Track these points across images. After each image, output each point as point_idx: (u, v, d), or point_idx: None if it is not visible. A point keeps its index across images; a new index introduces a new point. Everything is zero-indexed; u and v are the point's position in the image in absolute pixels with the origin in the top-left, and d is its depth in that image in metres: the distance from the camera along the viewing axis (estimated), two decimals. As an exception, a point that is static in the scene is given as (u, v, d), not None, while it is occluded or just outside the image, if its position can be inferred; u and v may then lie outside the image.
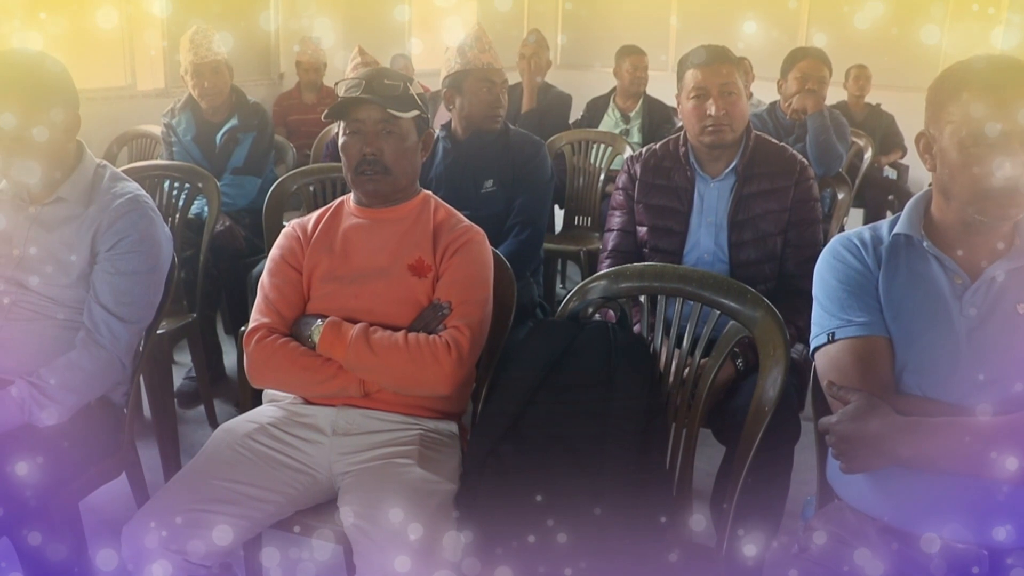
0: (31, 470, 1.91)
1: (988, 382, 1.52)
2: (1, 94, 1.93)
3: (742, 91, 2.44)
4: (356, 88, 1.98)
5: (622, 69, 5.13)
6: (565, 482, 1.77)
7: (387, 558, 1.65)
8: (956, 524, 1.49)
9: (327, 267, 2.03)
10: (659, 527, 1.77)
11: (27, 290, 2.07)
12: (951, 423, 1.46)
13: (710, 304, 1.98)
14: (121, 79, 5.44)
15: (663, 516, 1.78)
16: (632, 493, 1.76)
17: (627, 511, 1.73)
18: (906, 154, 5.99)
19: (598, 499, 1.73)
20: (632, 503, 1.75)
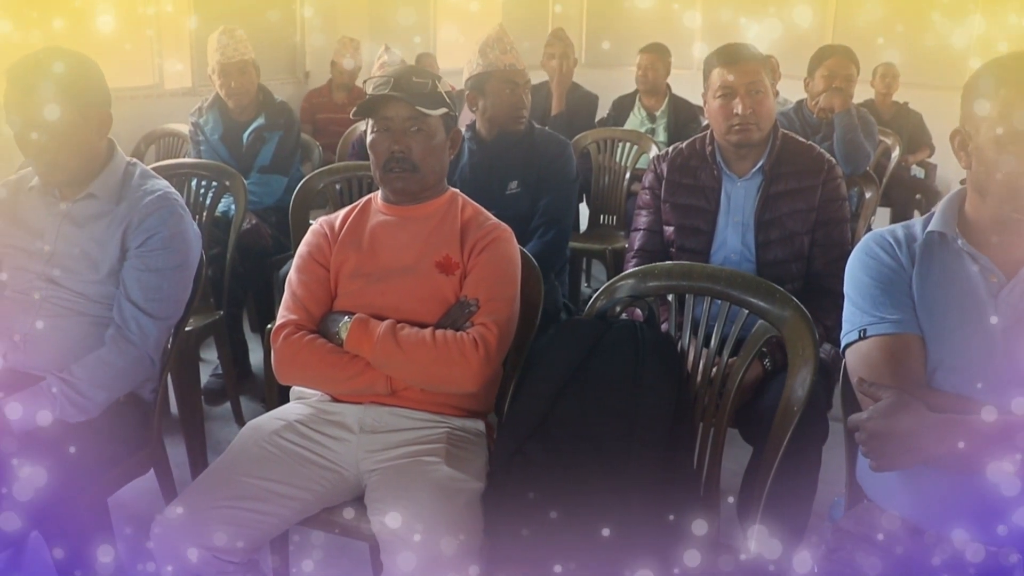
0: (62, 465, 1.93)
1: (1022, 380, 1.50)
2: (35, 92, 1.95)
3: (769, 89, 2.43)
4: (385, 86, 1.99)
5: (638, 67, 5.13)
6: (592, 481, 1.76)
7: (414, 556, 1.65)
8: (988, 525, 1.48)
9: (355, 264, 2.03)
10: (686, 526, 1.76)
11: (58, 286, 2.09)
12: (984, 421, 1.44)
13: (738, 303, 1.97)
14: (149, 78, 5.49)
15: (690, 515, 1.77)
16: (659, 492, 1.76)
17: (654, 510, 1.73)
18: (934, 153, 5.94)
19: (625, 498, 1.73)
20: (659, 502, 1.74)
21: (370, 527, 1.80)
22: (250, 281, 3.68)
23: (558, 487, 1.76)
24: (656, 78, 5.06)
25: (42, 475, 1.88)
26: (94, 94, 2.07)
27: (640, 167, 4.39)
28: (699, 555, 1.75)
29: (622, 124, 5.04)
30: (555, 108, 4.90)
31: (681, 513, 1.75)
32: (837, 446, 2.15)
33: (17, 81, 1.97)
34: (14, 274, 2.12)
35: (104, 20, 4.81)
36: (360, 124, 4.50)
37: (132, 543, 2.50)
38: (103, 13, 4.91)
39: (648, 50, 5.11)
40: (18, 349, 2.06)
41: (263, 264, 3.71)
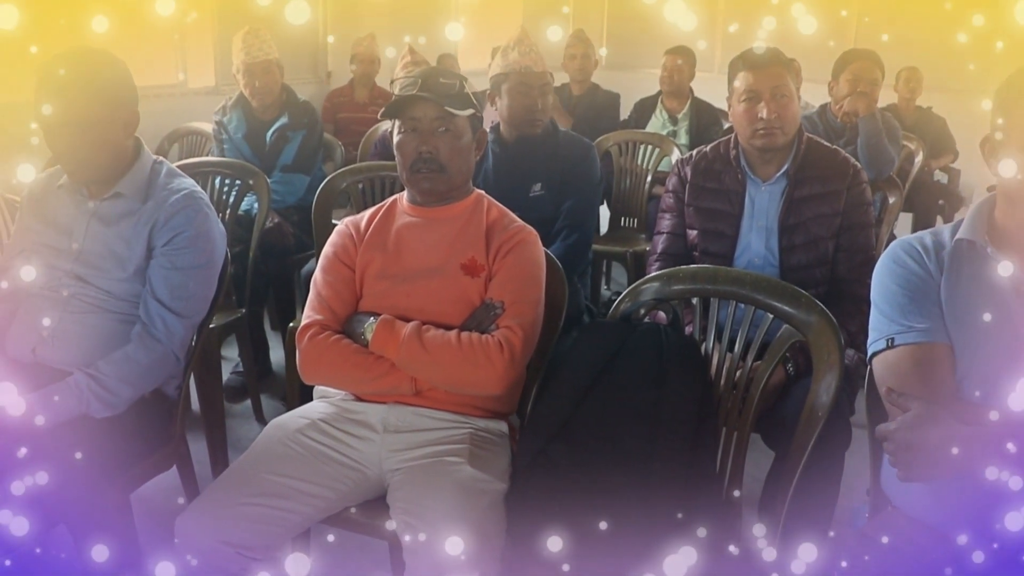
0: (87, 459, 1.95)
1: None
2: (65, 91, 1.97)
3: (794, 94, 2.42)
4: (412, 86, 1.99)
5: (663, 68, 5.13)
6: (614, 483, 1.76)
7: (436, 556, 1.65)
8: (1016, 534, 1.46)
9: (380, 265, 2.04)
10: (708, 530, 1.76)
11: (85, 283, 2.11)
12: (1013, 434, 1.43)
13: (763, 308, 1.97)
14: (173, 77, 5.53)
15: (712, 520, 1.77)
16: (682, 496, 1.75)
17: (676, 514, 1.72)
18: (957, 158, 5.89)
19: (647, 501, 1.73)
20: (682, 506, 1.74)
21: (391, 526, 1.81)
22: (272, 279, 3.69)
23: (581, 489, 1.76)
24: (681, 80, 5.06)
25: (68, 469, 1.90)
26: (122, 93, 2.08)
27: (662, 170, 4.40)
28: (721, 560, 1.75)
29: (643, 126, 5.04)
30: (563, 123, 4.88)
31: (703, 517, 1.75)
32: (858, 452, 2.15)
33: (47, 80, 1.99)
34: (43, 271, 2.14)
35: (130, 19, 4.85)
36: (382, 124, 4.51)
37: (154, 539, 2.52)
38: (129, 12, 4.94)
39: (674, 52, 5.11)
40: (46, 344, 2.08)
41: (285, 263, 3.72)
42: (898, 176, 3.92)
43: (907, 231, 5.09)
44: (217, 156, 3.94)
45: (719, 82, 2.58)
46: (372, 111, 5.70)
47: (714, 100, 5.18)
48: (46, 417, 1.91)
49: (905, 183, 4.17)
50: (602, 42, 9.11)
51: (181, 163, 3.28)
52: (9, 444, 1.84)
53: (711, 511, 1.79)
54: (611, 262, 4.96)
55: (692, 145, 4.79)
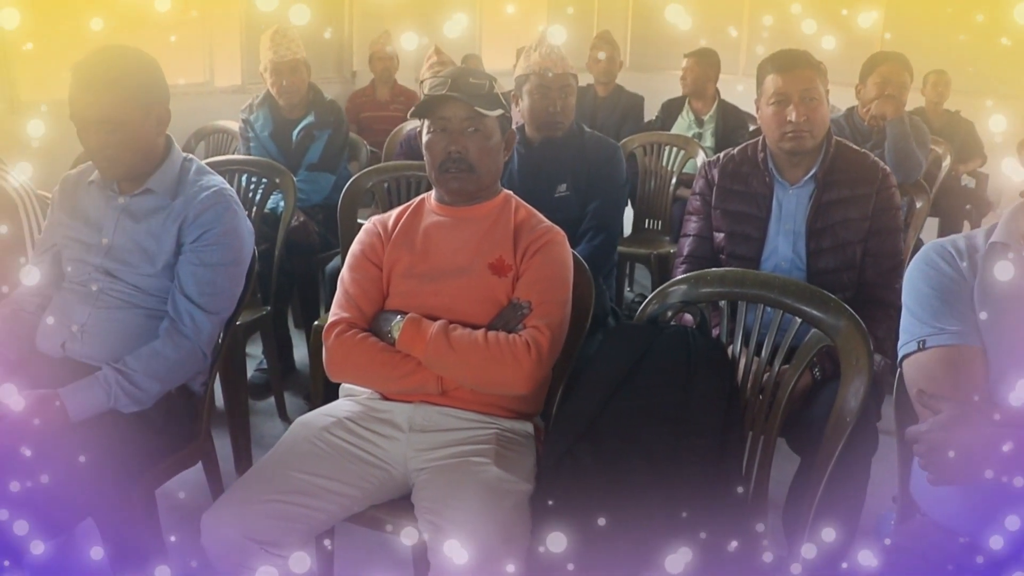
0: (115, 454, 1.97)
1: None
2: (98, 88, 1.99)
3: (823, 96, 2.41)
4: (442, 86, 1.99)
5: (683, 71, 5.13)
6: (640, 486, 1.75)
7: (462, 556, 1.65)
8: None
9: (407, 264, 2.04)
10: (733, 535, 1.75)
11: (114, 279, 2.12)
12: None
13: (791, 311, 1.96)
14: (200, 75, 5.57)
15: (738, 524, 1.76)
16: (707, 499, 1.75)
17: (702, 517, 1.72)
18: (986, 162, 5.84)
19: (673, 503, 1.72)
20: (707, 509, 1.73)
21: (416, 525, 1.81)
22: (296, 277, 3.71)
23: (606, 491, 1.75)
24: (696, 81, 5.04)
25: (96, 463, 1.92)
26: (154, 91, 2.10)
27: (687, 172, 4.38)
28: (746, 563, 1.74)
29: (670, 127, 5.03)
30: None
31: (729, 521, 1.74)
32: (884, 458, 2.13)
33: (81, 78, 2.00)
34: (73, 266, 2.16)
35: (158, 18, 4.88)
36: (407, 123, 4.52)
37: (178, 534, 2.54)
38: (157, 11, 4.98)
39: (694, 55, 5.10)
40: (75, 339, 2.10)
41: (310, 261, 3.74)
42: (925, 180, 3.89)
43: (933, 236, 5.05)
44: (243, 154, 3.96)
45: (744, 84, 2.56)
46: (394, 109, 5.73)
47: (740, 103, 5.17)
48: (74, 411, 1.93)
49: (932, 187, 4.13)
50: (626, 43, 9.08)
51: (208, 161, 3.30)
52: (38, 438, 1.86)
53: (737, 515, 1.78)
54: (634, 264, 4.95)
55: (718, 147, 4.77)
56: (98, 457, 1.93)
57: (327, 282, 3.65)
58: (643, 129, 5.00)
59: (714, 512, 1.74)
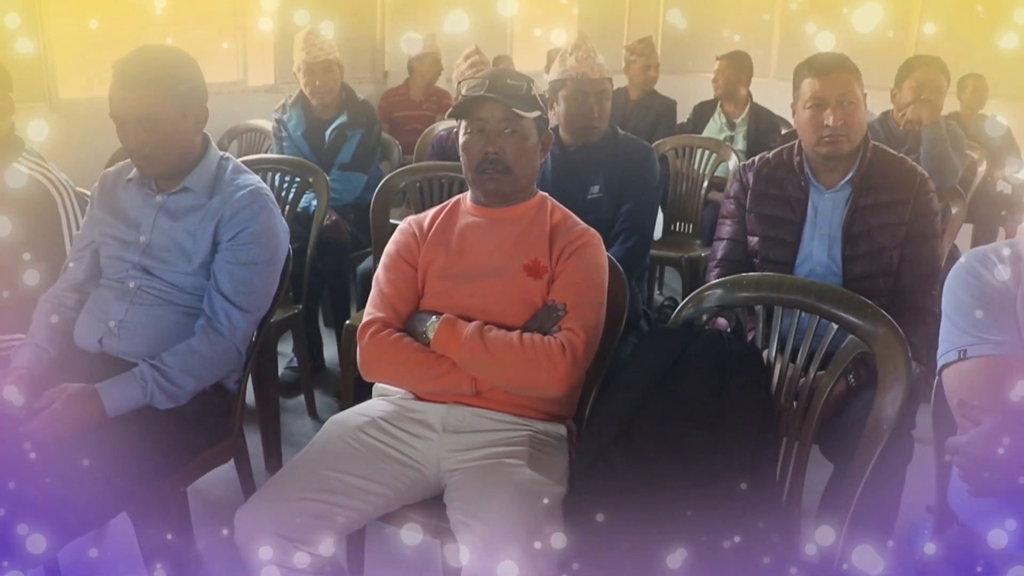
0: (150, 450, 1.98)
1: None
2: (138, 86, 2.01)
3: (861, 101, 2.38)
4: (480, 87, 1.99)
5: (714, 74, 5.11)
6: (674, 490, 1.75)
7: (494, 557, 1.65)
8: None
9: (442, 264, 2.04)
10: (766, 542, 1.74)
11: (151, 276, 2.14)
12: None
13: (828, 317, 1.94)
14: (233, 75, 5.61)
15: (771, 531, 1.75)
16: (741, 505, 1.73)
17: (735, 523, 1.71)
18: (1022, 168, 5.76)
19: (706, 508, 1.71)
20: (741, 515, 1.72)
21: (446, 525, 1.82)
22: (328, 276, 3.73)
23: (639, 495, 1.74)
24: (728, 84, 5.02)
25: (131, 458, 1.94)
26: (192, 90, 2.11)
27: (718, 175, 4.36)
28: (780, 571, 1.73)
29: (701, 130, 5.02)
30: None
31: (762, 527, 1.73)
32: (917, 467, 2.11)
33: (121, 77, 2.02)
34: (111, 263, 2.18)
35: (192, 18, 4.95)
36: (439, 124, 4.53)
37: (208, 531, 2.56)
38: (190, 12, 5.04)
39: (726, 57, 5.08)
40: (113, 335, 2.12)
41: (341, 260, 3.76)
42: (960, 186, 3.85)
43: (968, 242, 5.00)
44: (276, 153, 3.99)
45: (776, 87, 2.55)
46: (427, 109, 5.74)
47: (772, 106, 5.14)
48: (111, 406, 1.95)
49: (967, 193, 4.09)
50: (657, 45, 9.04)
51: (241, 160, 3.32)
52: (75, 432, 1.88)
53: (771, 521, 1.77)
54: (663, 267, 4.93)
55: (749, 151, 4.75)
56: (133, 452, 1.95)
57: (358, 282, 3.66)
58: (674, 132, 4.98)
59: (748, 518, 1.72)
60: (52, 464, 1.81)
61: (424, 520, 1.90)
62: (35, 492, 1.76)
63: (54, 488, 1.78)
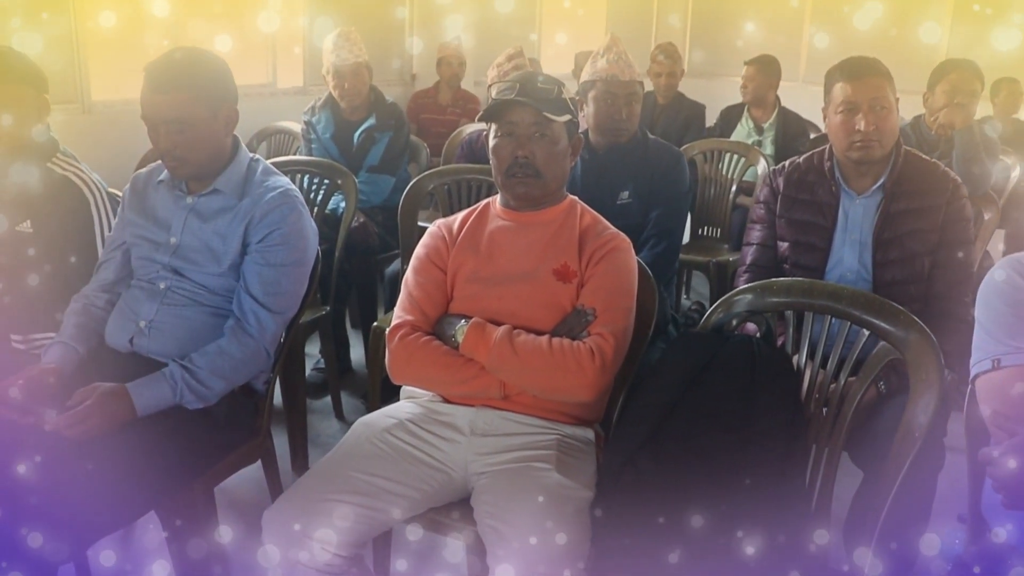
0: (179, 449, 2.00)
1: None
2: (169, 89, 2.02)
3: (893, 105, 2.36)
4: (510, 90, 1.99)
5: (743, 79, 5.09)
6: (702, 496, 1.73)
7: (521, 561, 1.65)
8: None
9: (472, 268, 2.04)
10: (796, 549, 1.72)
11: (181, 277, 2.16)
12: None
13: (859, 323, 1.92)
14: (263, 77, 5.65)
15: (800, 538, 1.73)
16: (770, 512, 1.72)
17: (764, 530, 1.69)
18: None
19: (735, 514, 1.70)
20: (769, 522, 1.71)
21: (471, 527, 1.81)
22: (355, 278, 3.74)
23: (667, 500, 1.73)
24: (757, 90, 4.99)
25: (160, 457, 1.95)
26: (223, 92, 2.13)
27: (747, 180, 4.34)
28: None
29: (729, 134, 4.99)
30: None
31: (792, 535, 1.72)
32: (947, 475, 2.09)
33: (152, 80, 2.04)
34: (142, 264, 2.20)
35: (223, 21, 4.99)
36: (467, 127, 4.54)
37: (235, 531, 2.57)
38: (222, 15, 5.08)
39: (753, 62, 5.05)
40: (143, 335, 2.13)
41: (369, 262, 3.77)
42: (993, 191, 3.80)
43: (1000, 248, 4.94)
44: (305, 155, 4.01)
45: (805, 91, 2.53)
46: (453, 113, 5.76)
47: (801, 110, 5.10)
48: (141, 406, 1.96)
49: (1000, 198, 4.03)
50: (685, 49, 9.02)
51: (273, 161, 3.35)
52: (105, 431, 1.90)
53: (799, 529, 1.75)
54: (690, 272, 4.91)
55: (778, 155, 4.72)
56: (163, 452, 1.96)
57: (386, 283, 3.67)
58: (703, 137, 4.96)
59: (777, 525, 1.71)
60: (83, 463, 1.83)
61: (451, 522, 1.90)
62: (66, 490, 1.77)
63: (84, 486, 1.79)
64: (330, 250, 3.29)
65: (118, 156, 4.01)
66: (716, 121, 5.19)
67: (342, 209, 3.43)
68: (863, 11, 7.59)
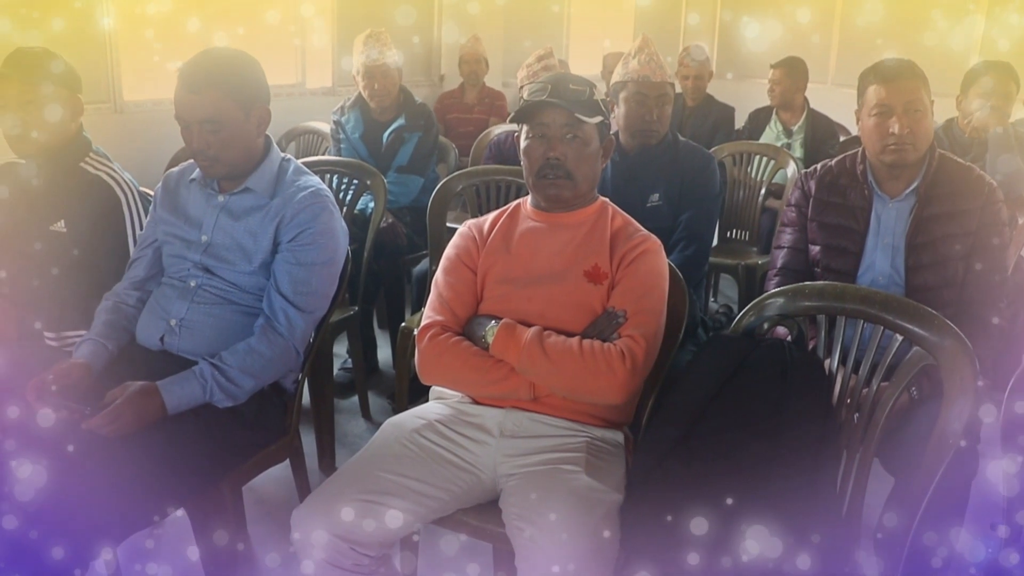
0: (208, 447, 2.01)
1: None
2: (203, 89, 2.03)
3: (928, 108, 2.33)
4: (542, 92, 1.98)
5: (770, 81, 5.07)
6: (732, 501, 1.72)
7: (550, 563, 1.64)
8: None
9: (502, 269, 2.04)
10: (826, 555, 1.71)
11: (212, 275, 2.17)
12: None
13: (892, 328, 1.90)
14: (292, 77, 5.68)
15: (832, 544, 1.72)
16: (799, 518, 1.71)
17: (793, 536, 1.68)
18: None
19: (765, 521, 1.69)
20: (799, 528, 1.69)
21: (499, 529, 1.81)
22: (383, 278, 3.75)
23: (697, 505, 1.72)
24: (784, 94, 4.96)
25: (190, 455, 1.96)
26: (256, 92, 2.14)
27: (776, 182, 4.31)
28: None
29: (757, 137, 4.97)
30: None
31: (822, 541, 1.70)
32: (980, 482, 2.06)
33: (186, 80, 2.05)
34: (173, 262, 2.21)
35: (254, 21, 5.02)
36: (495, 127, 4.54)
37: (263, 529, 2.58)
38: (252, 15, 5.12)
39: (779, 65, 5.02)
40: (174, 333, 2.15)
41: (397, 262, 3.78)
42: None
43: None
44: (334, 155, 4.02)
45: (834, 93, 2.51)
46: (480, 112, 5.78)
47: (830, 112, 5.06)
48: (171, 404, 1.98)
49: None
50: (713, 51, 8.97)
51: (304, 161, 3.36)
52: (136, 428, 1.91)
53: (831, 535, 1.74)
54: (718, 275, 4.89)
55: (807, 158, 4.69)
56: (192, 449, 1.98)
57: (414, 284, 3.68)
58: (732, 140, 4.94)
59: (807, 531, 1.69)
60: (114, 460, 1.84)
61: (479, 524, 1.90)
62: (97, 487, 1.79)
63: (115, 483, 1.81)
64: (359, 250, 3.29)
65: (149, 155, 4.05)
66: (744, 124, 5.16)
67: (371, 209, 3.44)
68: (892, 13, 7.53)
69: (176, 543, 2.40)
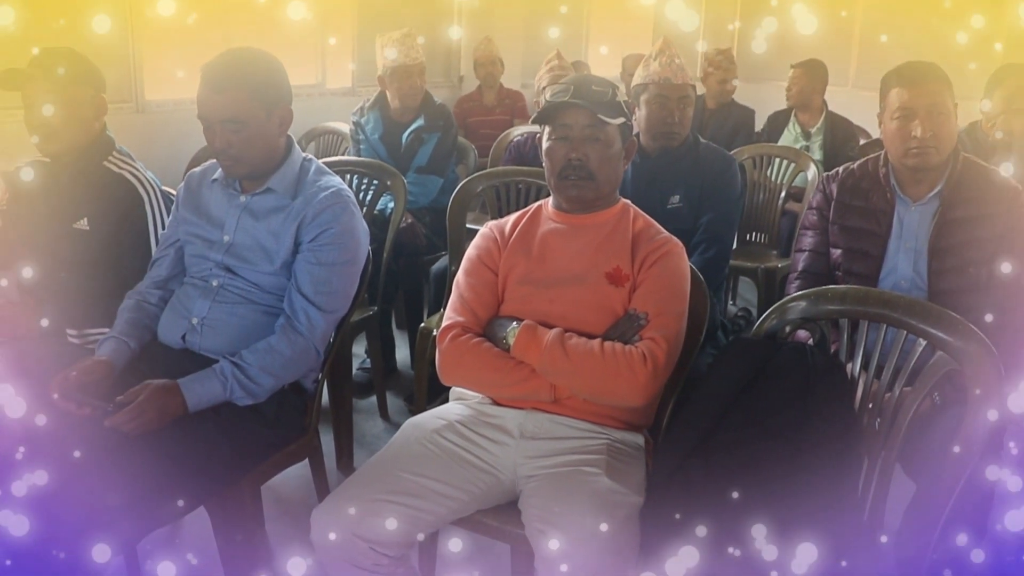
0: (228, 445, 2.02)
1: None
2: (225, 89, 2.04)
3: (951, 111, 2.32)
4: (564, 93, 1.98)
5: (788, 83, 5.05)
6: (753, 506, 1.71)
7: (570, 565, 1.64)
8: None
9: (523, 270, 2.04)
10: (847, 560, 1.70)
11: (234, 275, 2.18)
12: None
13: (916, 332, 1.89)
14: (312, 78, 5.70)
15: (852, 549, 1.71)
16: (821, 523, 1.70)
17: (815, 540, 1.67)
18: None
19: (786, 525, 1.68)
20: (820, 533, 1.68)
21: (518, 531, 1.81)
22: (402, 279, 3.75)
23: (718, 509, 1.72)
24: (802, 93, 4.94)
25: (210, 453, 1.97)
26: (278, 91, 2.14)
27: (796, 185, 4.29)
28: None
29: (776, 139, 4.95)
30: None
31: (844, 546, 1.69)
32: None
33: (208, 79, 2.06)
34: (195, 261, 2.22)
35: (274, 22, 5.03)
36: (515, 129, 4.54)
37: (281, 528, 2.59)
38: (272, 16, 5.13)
39: (799, 65, 5.01)
40: (195, 332, 2.16)
41: (416, 263, 3.78)
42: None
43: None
44: (353, 156, 4.03)
45: (855, 96, 2.49)
46: (499, 113, 5.78)
47: (851, 115, 5.04)
48: (192, 402, 1.98)
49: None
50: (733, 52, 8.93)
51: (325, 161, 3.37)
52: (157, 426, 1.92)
53: (852, 540, 1.73)
54: (737, 277, 4.87)
55: (826, 161, 4.67)
56: (213, 448, 1.98)
57: (432, 284, 3.68)
58: (752, 142, 4.93)
59: (828, 536, 1.68)
60: (135, 457, 1.85)
61: (498, 525, 1.90)
62: (117, 484, 1.79)
63: (136, 481, 1.82)
64: (378, 251, 3.30)
65: (171, 155, 4.07)
66: (763, 127, 5.15)
67: (390, 210, 3.44)
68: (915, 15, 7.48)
69: (196, 541, 2.41)
